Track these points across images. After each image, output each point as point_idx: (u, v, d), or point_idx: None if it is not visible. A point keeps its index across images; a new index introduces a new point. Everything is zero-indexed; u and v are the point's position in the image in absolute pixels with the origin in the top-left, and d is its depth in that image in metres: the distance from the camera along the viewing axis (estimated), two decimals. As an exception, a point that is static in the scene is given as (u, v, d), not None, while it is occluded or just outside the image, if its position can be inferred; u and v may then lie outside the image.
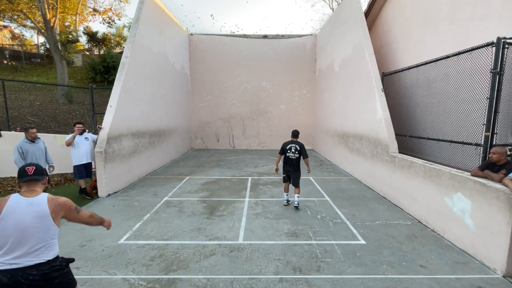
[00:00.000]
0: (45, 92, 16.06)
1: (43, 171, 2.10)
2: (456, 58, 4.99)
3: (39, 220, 1.91)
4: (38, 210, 1.92)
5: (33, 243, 1.89)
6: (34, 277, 1.87)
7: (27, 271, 1.86)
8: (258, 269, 3.44)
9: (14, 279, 1.82)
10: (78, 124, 6.31)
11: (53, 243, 2.01)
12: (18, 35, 27.70)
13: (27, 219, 1.88)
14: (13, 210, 1.87)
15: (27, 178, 2.00)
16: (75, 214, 2.10)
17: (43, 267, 1.91)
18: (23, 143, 5.33)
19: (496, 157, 3.69)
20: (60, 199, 2.05)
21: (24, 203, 1.91)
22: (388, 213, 5.36)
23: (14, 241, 1.86)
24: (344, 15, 9.63)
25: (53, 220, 1.97)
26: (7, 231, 1.85)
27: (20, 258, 1.86)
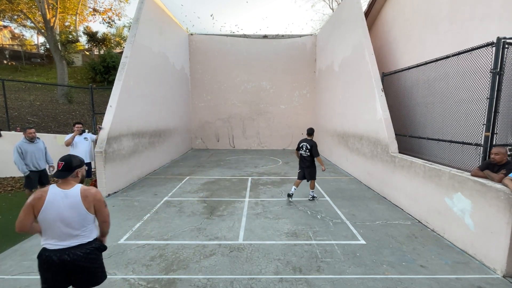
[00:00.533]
0: (45, 92, 16.06)
1: (73, 167, 2.19)
2: (456, 58, 4.98)
3: (75, 210, 2.10)
4: (72, 202, 2.10)
5: (73, 229, 2.12)
6: (78, 256, 2.12)
7: (72, 250, 2.11)
8: (258, 269, 3.45)
9: (62, 258, 2.08)
10: (77, 124, 6.32)
11: (90, 228, 2.23)
12: (18, 35, 27.71)
13: (64, 211, 2.08)
14: (52, 202, 2.06)
15: (56, 174, 2.17)
16: (103, 208, 2.25)
17: (85, 247, 2.16)
18: (23, 143, 5.34)
19: (499, 157, 3.68)
20: (91, 190, 2.20)
21: (61, 195, 2.09)
22: (388, 213, 5.36)
23: (57, 227, 2.09)
24: (344, 15, 9.63)
25: (87, 210, 2.15)
26: (50, 220, 2.07)
27: (65, 241, 2.11)
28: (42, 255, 2.12)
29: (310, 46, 14.15)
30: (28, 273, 3.36)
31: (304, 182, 6.28)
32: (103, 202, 2.24)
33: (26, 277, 3.28)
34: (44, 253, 2.11)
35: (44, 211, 2.04)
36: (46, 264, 2.10)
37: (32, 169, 5.41)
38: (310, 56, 14.20)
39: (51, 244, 2.10)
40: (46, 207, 2.04)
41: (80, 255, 2.12)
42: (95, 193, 2.19)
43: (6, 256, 3.77)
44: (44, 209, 2.04)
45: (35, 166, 5.46)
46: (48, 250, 2.10)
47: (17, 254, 3.81)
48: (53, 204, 2.06)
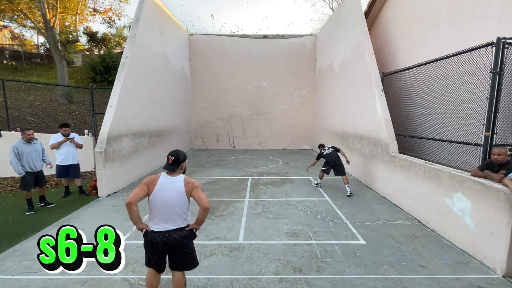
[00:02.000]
0: (45, 92, 16.05)
1: (180, 161, 2.56)
2: (456, 58, 4.98)
3: (178, 193, 2.48)
4: (177, 188, 2.49)
5: (175, 212, 2.49)
6: (175, 239, 2.47)
7: (172, 233, 2.48)
8: (258, 269, 3.44)
9: (163, 239, 2.45)
10: (64, 128, 6.25)
11: (188, 214, 2.61)
12: (18, 35, 27.68)
13: (171, 194, 2.47)
14: (162, 186, 2.48)
15: (167, 166, 2.54)
16: (200, 192, 2.51)
17: (181, 231, 2.52)
18: (19, 144, 5.30)
19: (502, 158, 3.66)
20: (191, 179, 2.57)
21: (169, 180, 2.51)
22: (388, 213, 5.36)
23: (163, 209, 2.47)
24: (344, 15, 9.63)
25: (186, 195, 2.51)
26: (159, 201, 2.46)
27: (167, 224, 2.49)
28: (148, 236, 2.50)
29: (310, 46, 14.15)
30: (28, 273, 3.36)
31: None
32: (200, 188, 2.54)
33: (26, 277, 3.28)
34: (150, 234, 2.49)
35: (155, 192, 2.45)
36: (150, 243, 2.48)
37: (28, 170, 5.35)
38: (310, 56, 14.20)
39: (156, 226, 2.48)
40: (157, 189, 2.46)
41: (176, 238, 2.46)
42: (194, 181, 2.56)
43: (6, 256, 3.77)
44: (155, 191, 2.45)
45: (31, 167, 5.40)
46: (153, 232, 2.48)
47: (17, 254, 3.81)
48: (163, 187, 2.47)
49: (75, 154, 6.35)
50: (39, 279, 3.25)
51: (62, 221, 4.96)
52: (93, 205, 5.83)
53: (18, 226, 4.78)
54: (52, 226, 4.73)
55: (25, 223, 4.90)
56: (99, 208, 5.64)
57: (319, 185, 7.20)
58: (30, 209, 5.42)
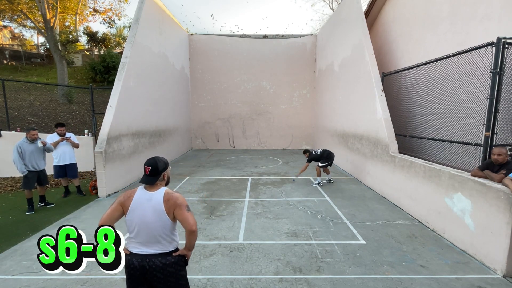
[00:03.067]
0: (45, 92, 16.05)
1: (159, 171, 2.09)
2: (456, 58, 4.98)
3: (157, 214, 2.01)
4: (154, 205, 2.01)
5: (155, 234, 2.02)
6: (157, 265, 2.00)
7: (152, 258, 2.00)
8: (258, 269, 3.44)
9: (142, 264, 1.99)
10: (60, 127, 6.22)
11: (173, 235, 2.12)
12: (18, 35, 27.69)
13: (148, 213, 2.01)
14: (138, 203, 2.03)
15: (144, 179, 2.08)
16: (184, 213, 2.04)
17: (165, 257, 2.04)
18: (23, 143, 5.33)
19: (502, 158, 3.67)
20: (174, 194, 2.06)
21: (146, 197, 2.04)
22: (388, 213, 5.36)
23: (141, 230, 2.02)
24: (344, 15, 9.63)
25: (167, 215, 2.03)
26: (135, 221, 2.02)
27: (146, 247, 2.03)
28: (126, 259, 2.00)
29: (310, 46, 14.15)
30: (28, 273, 3.36)
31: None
32: (184, 207, 2.04)
33: (26, 277, 3.28)
34: (128, 256, 2.03)
35: (130, 211, 2.03)
36: (127, 268, 2.03)
37: (30, 169, 5.40)
38: (310, 56, 14.20)
39: (133, 248, 2.06)
40: (132, 208, 2.03)
41: (158, 265, 2.00)
42: (176, 197, 2.04)
43: (6, 256, 3.77)
44: (130, 209, 2.03)
45: (34, 166, 5.45)
46: (131, 254, 2.05)
47: (17, 254, 3.81)
48: (139, 205, 2.03)
49: (72, 153, 6.35)
50: (39, 279, 3.25)
51: (62, 221, 4.96)
52: (93, 205, 5.83)
53: (18, 226, 4.78)
54: (52, 226, 4.73)
55: (25, 223, 4.90)
56: (99, 208, 5.64)
57: (321, 183, 7.22)
58: (30, 209, 5.42)
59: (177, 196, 2.05)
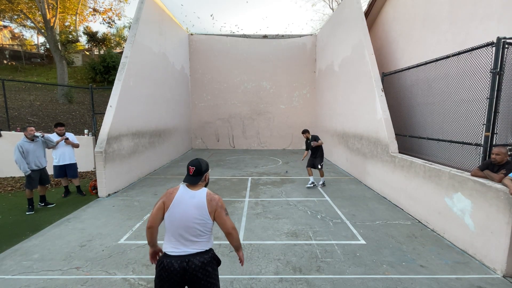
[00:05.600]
0: (45, 92, 16.05)
1: (202, 171, 2.16)
2: (456, 58, 4.98)
3: (199, 210, 2.05)
4: (198, 203, 2.07)
5: (195, 231, 2.05)
6: (196, 265, 2.01)
7: (192, 258, 2.02)
8: (258, 269, 3.44)
9: (182, 265, 1.99)
10: (59, 127, 6.22)
11: (210, 235, 2.16)
12: (18, 35, 27.70)
13: (190, 210, 2.04)
14: (180, 200, 2.06)
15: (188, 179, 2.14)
16: (223, 216, 2.11)
17: (203, 256, 2.06)
18: (24, 143, 5.34)
19: (500, 158, 3.68)
20: (215, 196, 2.14)
21: (189, 194, 2.09)
22: (388, 213, 5.36)
23: (180, 227, 2.04)
24: (344, 15, 9.63)
25: (209, 215, 2.08)
26: (175, 218, 2.04)
27: (185, 246, 2.04)
28: (163, 262, 2.02)
29: (310, 46, 14.14)
30: (28, 273, 3.36)
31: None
32: (224, 210, 2.12)
33: (26, 277, 3.28)
34: (165, 259, 2.02)
35: (172, 207, 2.04)
36: (166, 272, 1.99)
37: (34, 168, 5.42)
38: (310, 56, 14.20)
39: (172, 249, 2.05)
40: (174, 204, 2.05)
41: (198, 265, 2.02)
42: (218, 199, 2.13)
43: (6, 256, 3.76)
44: (172, 206, 2.05)
45: (36, 165, 5.48)
46: (169, 256, 2.03)
47: (17, 254, 3.81)
48: (181, 202, 2.06)
49: (71, 153, 6.35)
50: (39, 279, 3.25)
51: (62, 221, 4.96)
52: (93, 205, 5.83)
53: (18, 226, 4.78)
54: (52, 226, 4.74)
55: (25, 223, 4.90)
56: (99, 208, 5.64)
57: (324, 184, 7.28)
58: (30, 209, 5.43)
59: (219, 199, 2.13)
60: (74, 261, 3.62)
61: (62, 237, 4.32)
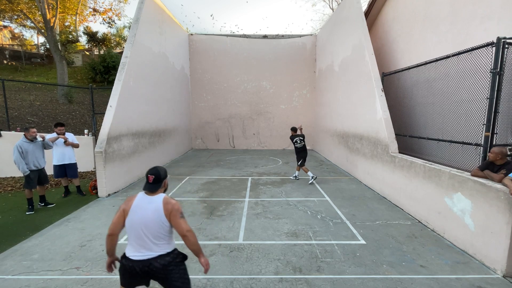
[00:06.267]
0: (45, 92, 16.05)
1: (161, 179, 2.25)
2: (456, 58, 4.98)
3: (156, 214, 2.14)
4: (155, 207, 2.15)
5: (154, 236, 2.14)
6: (157, 268, 2.12)
7: (152, 261, 2.11)
8: (258, 269, 3.44)
9: (143, 270, 2.11)
10: (59, 127, 6.22)
11: (170, 237, 2.23)
12: (18, 35, 27.69)
13: (148, 214, 2.13)
14: (139, 205, 2.16)
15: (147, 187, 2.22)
16: (178, 218, 2.18)
17: (165, 258, 2.15)
18: (23, 143, 5.34)
19: (492, 156, 3.71)
20: (171, 200, 2.22)
21: (146, 200, 2.19)
22: (388, 213, 5.36)
23: (139, 234, 2.12)
24: (344, 15, 9.63)
25: (165, 217, 2.16)
26: (135, 223, 2.13)
27: (147, 249, 2.13)
28: (125, 264, 2.14)
29: (310, 46, 14.14)
30: (28, 273, 3.36)
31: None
32: (179, 213, 2.19)
33: (26, 277, 3.28)
34: (127, 262, 2.13)
35: (131, 213, 2.13)
36: (128, 271, 2.14)
37: (32, 169, 5.42)
38: (310, 56, 14.20)
39: (134, 253, 2.14)
40: (133, 210, 2.14)
41: (159, 267, 2.12)
42: (175, 203, 2.21)
43: (6, 256, 3.77)
44: (131, 212, 2.14)
45: (35, 165, 5.47)
46: (130, 260, 2.13)
47: (17, 254, 3.81)
48: (140, 207, 2.15)
49: (71, 153, 6.35)
50: (39, 279, 3.25)
51: (62, 221, 4.96)
52: (93, 205, 5.83)
53: (18, 226, 4.78)
54: (52, 226, 4.74)
55: (25, 223, 4.90)
56: (99, 208, 5.64)
57: (297, 177, 7.89)
58: (30, 209, 5.43)
59: (175, 203, 2.20)
60: (74, 261, 3.62)
61: (62, 237, 4.32)
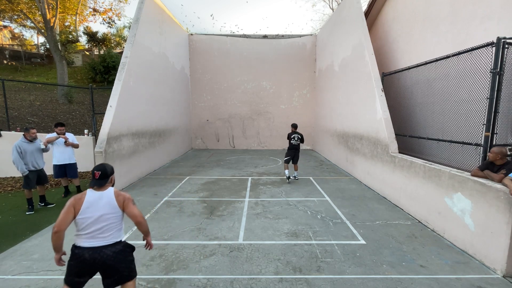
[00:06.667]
0: (45, 92, 16.05)
1: (108, 175, 2.40)
2: (456, 58, 4.99)
3: (109, 206, 2.31)
4: (107, 200, 2.32)
5: (106, 227, 2.29)
6: (108, 255, 2.26)
7: (103, 249, 2.25)
8: (258, 269, 3.44)
9: (93, 256, 2.23)
10: (59, 127, 6.21)
11: (120, 227, 2.41)
12: (18, 35, 27.70)
13: (101, 209, 2.28)
14: (90, 202, 2.29)
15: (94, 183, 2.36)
16: (131, 205, 2.38)
17: (115, 246, 2.31)
18: (22, 143, 5.34)
19: (492, 156, 3.72)
20: (121, 192, 2.42)
21: (97, 196, 2.32)
22: (388, 213, 5.36)
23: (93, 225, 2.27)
24: (344, 15, 9.63)
25: (119, 208, 2.35)
26: (88, 218, 2.26)
27: (97, 240, 2.27)
28: (74, 252, 2.26)
29: (310, 46, 14.14)
30: (28, 273, 3.36)
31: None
32: (131, 201, 2.39)
33: (26, 277, 3.28)
34: (76, 250, 2.25)
35: (83, 210, 2.25)
36: (76, 260, 2.24)
37: (31, 169, 5.42)
38: (310, 56, 14.20)
39: (85, 242, 2.25)
40: (84, 207, 2.26)
41: (109, 255, 2.26)
42: (125, 194, 2.41)
43: (6, 256, 3.76)
44: (83, 209, 2.26)
45: (34, 165, 5.47)
46: (80, 248, 2.25)
47: (17, 254, 3.81)
48: (92, 204, 2.28)
49: (71, 153, 6.35)
50: (39, 279, 3.25)
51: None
52: (93, 205, 5.83)
53: (18, 226, 4.78)
54: (52, 226, 4.73)
55: (25, 223, 4.90)
56: (99, 208, 5.63)
57: (289, 178, 7.59)
58: (30, 209, 5.43)
59: (125, 193, 2.42)
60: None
61: (62, 237, 4.32)
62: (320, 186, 7.25)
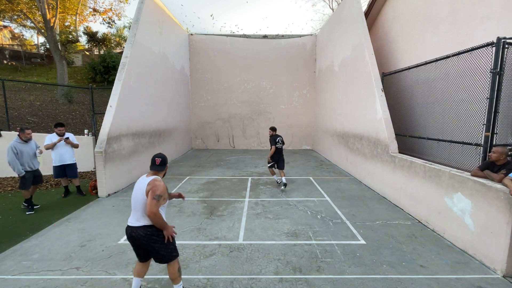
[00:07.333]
0: (45, 92, 16.04)
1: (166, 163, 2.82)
2: (456, 58, 4.98)
3: (140, 192, 2.59)
4: (143, 184, 2.59)
5: (139, 209, 2.58)
6: (141, 235, 2.56)
7: (138, 229, 2.58)
8: (258, 269, 3.44)
9: (131, 234, 2.60)
10: (59, 127, 6.19)
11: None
12: (18, 35, 27.69)
13: (138, 191, 2.62)
14: (136, 184, 2.69)
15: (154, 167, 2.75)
16: (149, 197, 2.50)
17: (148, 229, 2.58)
18: (17, 144, 5.31)
19: (495, 156, 3.70)
20: (156, 182, 2.57)
21: (141, 179, 2.68)
22: (388, 213, 5.36)
23: (133, 206, 2.65)
24: (344, 15, 9.63)
25: (145, 194, 2.54)
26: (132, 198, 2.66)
27: (135, 220, 2.61)
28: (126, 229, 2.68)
29: (310, 46, 14.14)
30: (28, 273, 3.36)
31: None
32: (154, 194, 2.49)
33: (26, 277, 3.28)
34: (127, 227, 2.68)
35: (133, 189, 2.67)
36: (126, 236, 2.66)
37: (27, 169, 5.41)
38: (310, 56, 14.19)
39: (129, 220, 2.65)
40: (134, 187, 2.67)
41: (142, 235, 2.56)
42: (156, 185, 2.54)
43: (6, 256, 3.77)
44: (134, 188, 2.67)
45: (30, 166, 5.46)
46: (127, 226, 2.66)
47: (17, 254, 3.81)
48: (136, 185, 2.66)
49: (71, 153, 6.34)
50: (39, 279, 3.25)
51: (62, 221, 4.96)
52: (93, 205, 5.83)
53: (18, 226, 4.77)
54: (52, 226, 4.73)
55: (25, 223, 4.90)
56: (99, 208, 5.64)
57: (278, 182, 7.27)
58: (30, 209, 5.42)
59: (158, 184, 2.54)
60: (74, 261, 3.62)
61: (62, 237, 4.32)
62: (320, 186, 7.25)
